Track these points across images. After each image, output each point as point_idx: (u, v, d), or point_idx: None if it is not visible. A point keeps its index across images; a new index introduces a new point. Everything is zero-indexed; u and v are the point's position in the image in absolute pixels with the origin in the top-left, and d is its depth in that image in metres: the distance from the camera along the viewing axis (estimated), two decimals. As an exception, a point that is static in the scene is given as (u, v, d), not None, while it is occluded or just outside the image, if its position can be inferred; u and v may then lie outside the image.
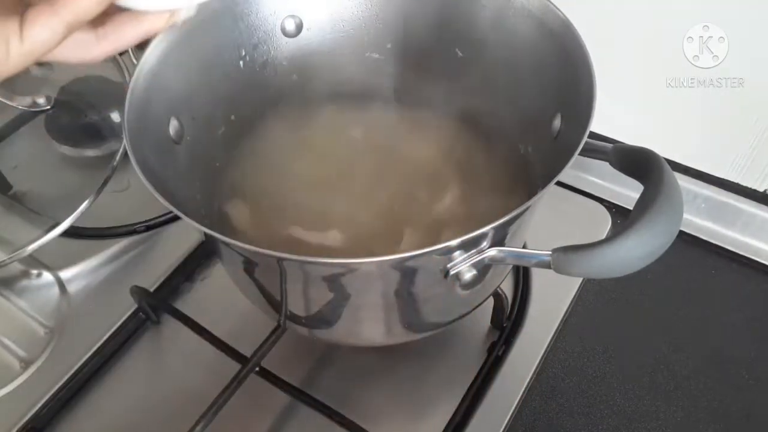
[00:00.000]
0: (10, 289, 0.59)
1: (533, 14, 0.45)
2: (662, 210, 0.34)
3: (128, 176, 0.63)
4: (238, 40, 0.49)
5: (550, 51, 0.44)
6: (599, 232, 0.60)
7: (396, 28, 0.52)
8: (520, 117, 0.50)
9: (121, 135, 0.40)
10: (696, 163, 0.61)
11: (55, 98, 0.63)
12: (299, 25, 0.52)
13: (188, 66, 0.46)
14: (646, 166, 0.36)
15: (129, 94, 0.41)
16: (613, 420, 0.50)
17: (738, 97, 0.55)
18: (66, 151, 0.65)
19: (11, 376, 0.53)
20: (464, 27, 0.50)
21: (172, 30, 0.43)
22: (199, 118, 0.48)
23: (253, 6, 0.49)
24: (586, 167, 0.63)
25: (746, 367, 0.52)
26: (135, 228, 0.62)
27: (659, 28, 0.55)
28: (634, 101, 0.60)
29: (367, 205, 0.50)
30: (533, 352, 0.53)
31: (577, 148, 0.36)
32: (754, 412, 0.50)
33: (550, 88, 0.45)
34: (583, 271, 0.35)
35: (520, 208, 0.34)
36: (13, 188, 0.64)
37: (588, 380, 0.52)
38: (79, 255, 0.60)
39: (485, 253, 0.36)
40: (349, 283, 0.39)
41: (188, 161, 0.47)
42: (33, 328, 0.56)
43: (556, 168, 0.36)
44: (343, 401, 0.50)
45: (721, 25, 0.52)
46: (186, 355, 0.54)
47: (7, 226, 0.60)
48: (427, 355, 0.53)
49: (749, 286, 0.58)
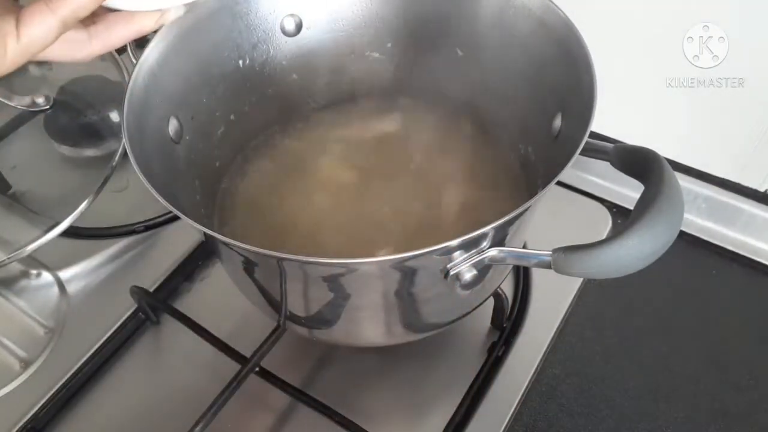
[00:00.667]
0: (10, 289, 0.59)
1: (534, 13, 0.45)
2: (663, 210, 0.33)
3: (127, 176, 0.63)
4: (237, 39, 0.49)
5: (550, 50, 0.44)
6: (599, 232, 0.60)
7: (396, 28, 0.52)
8: (520, 116, 0.50)
9: (121, 135, 0.40)
10: (696, 163, 0.61)
11: (54, 98, 0.63)
12: (299, 24, 0.52)
13: (187, 65, 0.46)
14: (647, 166, 0.36)
15: (128, 93, 0.40)
16: (613, 420, 0.50)
17: (738, 97, 0.55)
18: (65, 150, 0.65)
19: (11, 376, 0.53)
20: (465, 26, 0.50)
21: (169, 29, 0.43)
22: (198, 117, 0.48)
23: (253, 5, 0.49)
24: (587, 167, 0.63)
25: (746, 367, 0.52)
26: (134, 228, 0.62)
27: (659, 28, 0.55)
28: (635, 101, 0.60)
29: (366, 202, 0.50)
30: (533, 352, 0.53)
31: (578, 148, 0.36)
32: (754, 412, 0.50)
33: (551, 88, 0.45)
34: (583, 271, 0.35)
35: (520, 208, 0.34)
36: (13, 188, 0.64)
37: (588, 380, 0.52)
38: (78, 255, 0.60)
39: (485, 253, 0.36)
40: (349, 283, 0.39)
41: (188, 161, 0.47)
42: (33, 328, 0.56)
43: (556, 168, 0.36)
44: (343, 401, 0.50)
45: (721, 25, 0.52)
46: (186, 355, 0.54)
47: (6, 226, 0.60)
48: (427, 355, 0.53)
49: (749, 286, 0.58)
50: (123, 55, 0.60)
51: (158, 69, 0.43)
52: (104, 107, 0.66)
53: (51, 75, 0.64)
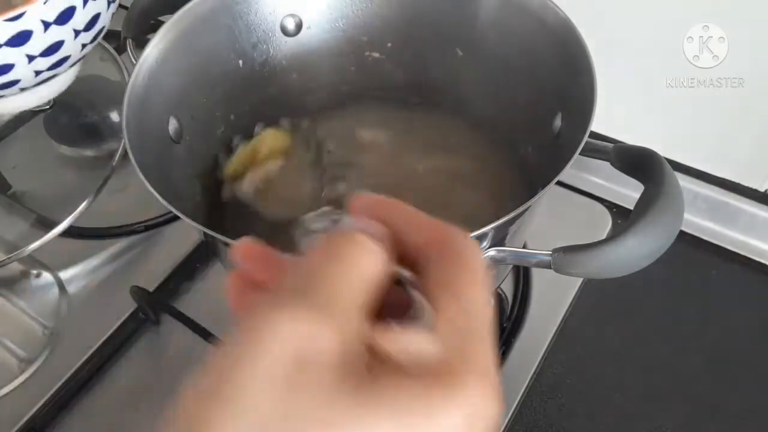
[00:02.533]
0: (10, 289, 0.59)
1: (534, 13, 0.45)
2: (663, 210, 0.34)
3: (127, 176, 0.63)
4: (237, 39, 0.49)
5: (550, 50, 0.44)
6: (599, 232, 0.60)
7: (396, 27, 0.52)
8: (520, 116, 0.49)
9: (121, 134, 0.40)
10: (696, 162, 0.61)
11: (54, 98, 0.63)
12: (299, 24, 0.52)
13: (187, 65, 0.46)
14: (647, 166, 0.36)
15: (128, 93, 0.40)
16: (613, 420, 0.50)
17: (738, 97, 0.55)
18: (65, 150, 0.65)
19: (11, 376, 0.53)
20: (464, 26, 0.50)
21: (169, 29, 0.43)
22: (198, 117, 0.48)
23: (253, 5, 0.49)
24: (587, 167, 0.63)
25: (746, 367, 0.52)
26: (134, 228, 0.62)
27: (659, 28, 0.55)
28: (635, 101, 0.60)
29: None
30: (533, 352, 0.53)
31: (578, 148, 0.36)
32: (754, 412, 0.50)
33: (551, 88, 0.45)
34: (583, 271, 0.35)
35: (520, 208, 0.34)
36: (13, 188, 0.64)
37: (588, 380, 0.52)
38: (78, 255, 0.60)
39: (485, 253, 0.36)
40: (349, 283, 0.39)
41: (188, 161, 0.47)
42: (32, 328, 0.56)
43: (556, 168, 0.36)
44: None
45: (721, 25, 0.52)
46: (186, 355, 0.54)
47: (6, 226, 0.60)
48: (427, 355, 0.53)
49: (749, 286, 0.57)
50: (123, 55, 0.60)
51: (158, 69, 0.43)
52: (104, 107, 0.66)
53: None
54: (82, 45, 0.48)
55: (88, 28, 0.48)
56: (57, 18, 0.44)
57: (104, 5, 0.48)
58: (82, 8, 0.46)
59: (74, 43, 0.47)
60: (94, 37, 0.49)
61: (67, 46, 0.47)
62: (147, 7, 0.51)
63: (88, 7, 0.46)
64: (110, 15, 0.50)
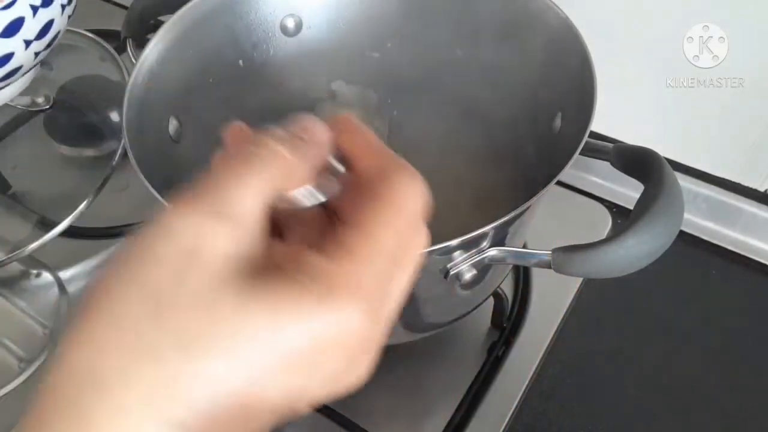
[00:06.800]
0: (10, 289, 0.59)
1: (534, 13, 0.45)
2: (663, 210, 0.34)
3: (127, 176, 0.63)
4: (237, 39, 0.49)
5: (550, 50, 0.44)
6: (599, 232, 0.60)
7: (396, 27, 0.52)
8: (520, 116, 0.49)
9: (121, 134, 0.40)
10: (696, 162, 0.61)
11: (54, 98, 0.63)
12: (299, 24, 0.52)
13: (187, 65, 0.46)
14: (647, 166, 0.36)
15: (128, 93, 0.40)
16: (613, 420, 0.50)
17: (738, 97, 0.55)
18: (65, 150, 0.65)
19: (11, 376, 0.53)
20: (464, 26, 0.50)
21: (169, 29, 0.43)
22: (198, 117, 0.48)
23: (253, 5, 0.49)
24: (587, 167, 0.63)
25: (746, 367, 0.52)
26: (134, 228, 0.62)
27: (659, 28, 0.55)
28: (635, 101, 0.60)
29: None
30: (533, 352, 0.53)
31: (578, 148, 0.36)
32: (754, 412, 0.50)
33: (551, 87, 0.45)
34: (583, 271, 0.35)
35: (520, 208, 0.34)
36: (13, 188, 0.64)
37: (588, 380, 0.52)
38: (78, 255, 0.60)
39: (485, 252, 0.36)
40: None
41: (188, 161, 0.46)
42: (32, 328, 0.56)
43: (556, 168, 0.36)
44: (342, 401, 0.49)
45: (721, 25, 0.52)
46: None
47: (6, 226, 0.60)
48: (427, 355, 0.53)
49: (749, 286, 0.57)
50: (123, 55, 0.60)
51: (158, 69, 0.43)
52: (104, 107, 0.66)
53: (51, 75, 0.64)
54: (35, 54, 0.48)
55: (40, 37, 0.48)
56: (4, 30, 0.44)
57: (58, 11, 0.48)
58: (32, 18, 0.46)
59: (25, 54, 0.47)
60: (47, 46, 0.49)
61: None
62: (147, 7, 0.51)
63: (39, 15, 0.46)
64: (65, 20, 0.50)
